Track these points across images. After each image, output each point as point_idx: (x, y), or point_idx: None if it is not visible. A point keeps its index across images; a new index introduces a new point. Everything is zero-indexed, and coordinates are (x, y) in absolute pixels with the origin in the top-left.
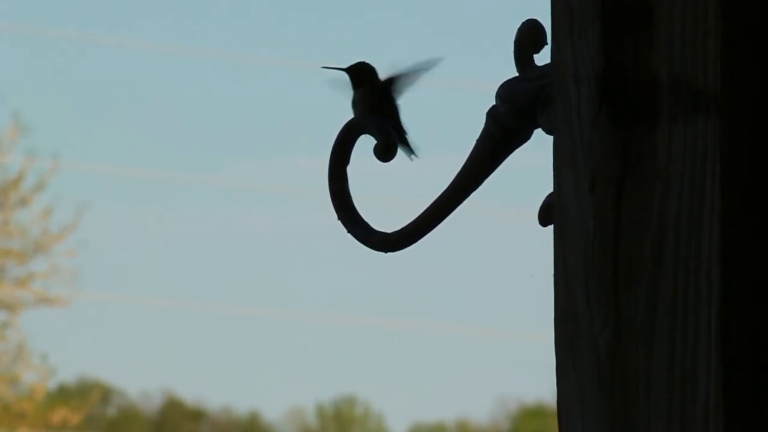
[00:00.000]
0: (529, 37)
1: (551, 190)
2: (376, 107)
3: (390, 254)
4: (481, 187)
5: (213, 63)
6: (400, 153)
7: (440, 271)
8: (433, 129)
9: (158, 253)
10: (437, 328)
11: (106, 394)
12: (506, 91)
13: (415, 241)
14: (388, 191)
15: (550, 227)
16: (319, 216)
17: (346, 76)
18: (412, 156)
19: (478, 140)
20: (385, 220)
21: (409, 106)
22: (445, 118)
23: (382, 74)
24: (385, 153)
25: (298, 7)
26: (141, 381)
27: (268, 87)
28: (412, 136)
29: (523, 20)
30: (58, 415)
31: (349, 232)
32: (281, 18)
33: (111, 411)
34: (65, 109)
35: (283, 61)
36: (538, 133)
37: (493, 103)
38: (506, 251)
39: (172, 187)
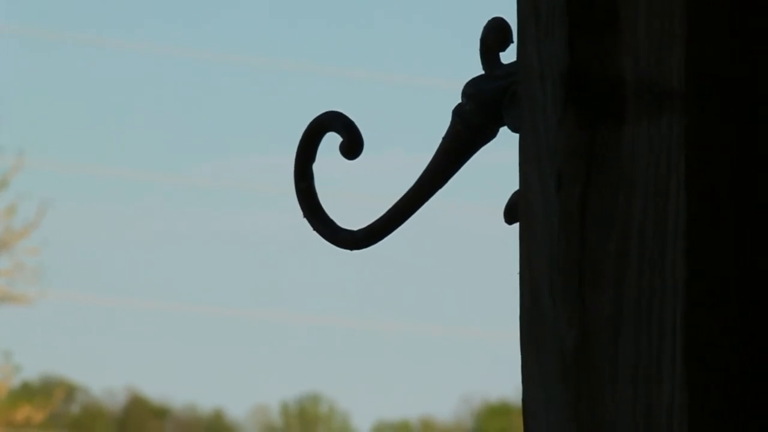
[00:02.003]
0: (494, 35)
1: (517, 188)
2: None
3: (356, 252)
4: (447, 185)
5: (184, 61)
6: (367, 150)
7: (405, 270)
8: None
9: (122, 252)
10: (402, 326)
11: (70, 391)
12: (472, 90)
13: (382, 238)
14: (354, 189)
15: (516, 225)
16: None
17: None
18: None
19: (444, 138)
20: (352, 218)
21: (376, 104)
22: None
23: None
24: (351, 151)
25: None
26: (105, 379)
27: (245, 85)
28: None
29: (489, 18)
30: (22, 413)
31: (315, 230)
32: (257, 16)
33: (75, 409)
34: (30, 106)
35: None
36: (504, 131)
37: (460, 101)
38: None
39: (140, 186)
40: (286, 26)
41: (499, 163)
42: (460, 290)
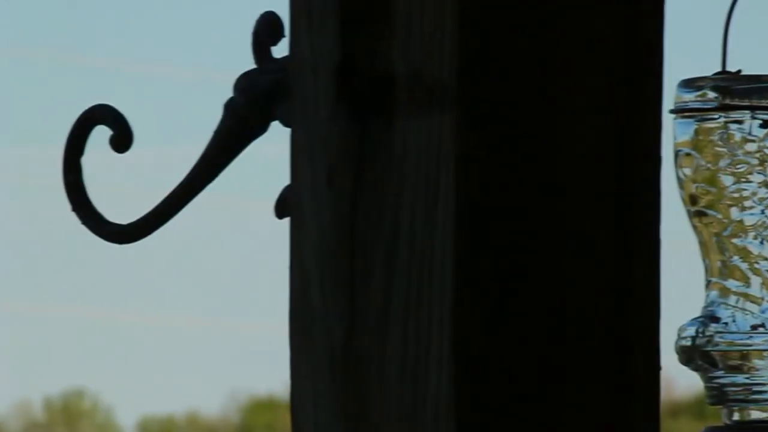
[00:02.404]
0: (266, 29)
1: (288, 182)
2: None
3: (125, 246)
4: (218, 178)
5: None
6: (139, 143)
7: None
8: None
9: None
10: (166, 320)
11: None
12: (243, 84)
13: (151, 232)
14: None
15: (287, 220)
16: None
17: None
18: None
19: (215, 131)
20: (123, 212)
21: (148, 97)
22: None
23: None
24: (120, 144)
25: None
26: None
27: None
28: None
29: (262, 12)
30: None
31: (83, 223)
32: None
33: None
34: None
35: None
36: (276, 125)
37: (231, 95)
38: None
39: None
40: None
41: (270, 157)
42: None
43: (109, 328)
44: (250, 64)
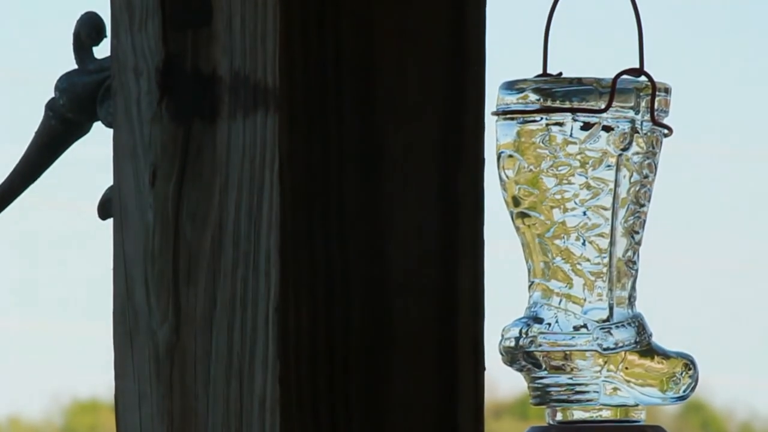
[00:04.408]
0: (87, 29)
1: (111, 183)
2: None
3: None
4: (39, 180)
5: None
6: None
7: None
8: None
9: None
10: None
11: None
12: (65, 84)
13: None
14: None
15: (110, 221)
16: None
17: None
18: None
19: (36, 132)
20: None
21: None
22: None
23: None
24: None
25: None
26: None
27: None
28: None
29: (82, 12)
30: None
31: None
32: None
33: None
34: None
35: None
36: (99, 126)
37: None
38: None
39: None
40: None
41: (92, 158)
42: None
43: None
44: (71, 64)
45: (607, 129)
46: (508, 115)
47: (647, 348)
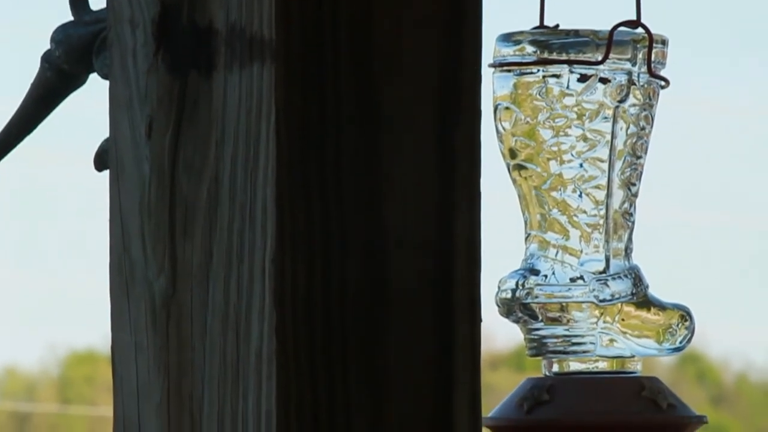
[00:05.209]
0: None
1: (107, 135)
2: None
3: None
4: (36, 131)
5: None
6: None
7: None
8: None
9: None
10: None
11: None
12: (61, 35)
13: None
14: None
15: (107, 172)
16: None
17: None
18: None
19: (32, 84)
20: None
21: None
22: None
23: None
24: None
25: None
26: None
27: None
28: None
29: None
30: None
31: None
32: None
33: None
34: None
35: None
36: (94, 77)
37: (49, 47)
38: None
39: None
40: None
41: (88, 110)
42: (43, 237)
43: None
44: (67, 16)
45: (604, 81)
46: (505, 68)
47: (643, 299)
